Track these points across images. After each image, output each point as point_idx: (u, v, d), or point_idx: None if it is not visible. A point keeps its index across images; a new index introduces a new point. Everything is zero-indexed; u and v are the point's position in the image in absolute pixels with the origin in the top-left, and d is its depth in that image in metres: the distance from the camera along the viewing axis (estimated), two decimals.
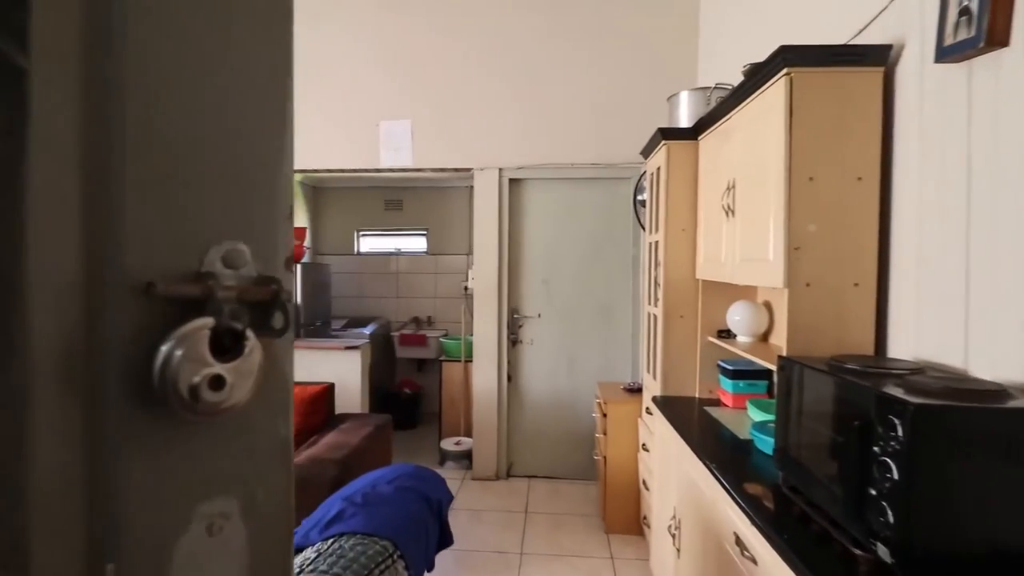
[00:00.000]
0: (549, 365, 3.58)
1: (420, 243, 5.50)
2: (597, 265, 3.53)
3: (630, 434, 2.80)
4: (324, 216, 5.58)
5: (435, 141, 3.50)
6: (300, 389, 2.74)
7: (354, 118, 3.53)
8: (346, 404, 3.67)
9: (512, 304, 3.57)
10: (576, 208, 3.55)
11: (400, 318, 5.41)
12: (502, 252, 3.51)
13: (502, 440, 3.56)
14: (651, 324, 2.59)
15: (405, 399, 5.01)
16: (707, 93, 2.34)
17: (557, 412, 3.57)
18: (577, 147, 3.43)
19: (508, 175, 3.50)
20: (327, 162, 3.55)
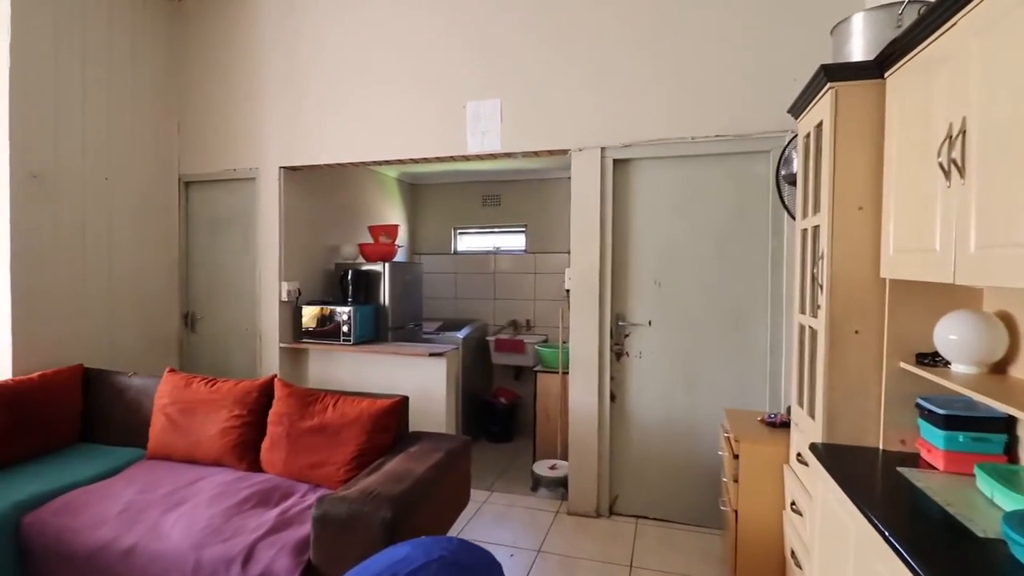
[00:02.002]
0: (662, 384, 2.96)
1: (519, 241, 5.09)
2: (724, 262, 2.85)
3: (772, 484, 2.12)
4: (421, 214, 5.37)
5: (526, 121, 3.03)
6: (368, 403, 2.41)
7: (439, 100, 3.17)
8: (429, 417, 3.33)
9: (616, 309, 3.00)
10: (697, 192, 2.89)
11: (498, 321, 5.04)
12: (604, 247, 2.96)
13: (604, 470, 3.00)
14: (806, 340, 1.90)
15: (500, 410, 4.61)
16: (897, 10, 1.63)
17: (672, 441, 2.94)
18: (698, 117, 2.78)
19: (612, 155, 2.93)
20: (411, 151, 3.23)
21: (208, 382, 2.68)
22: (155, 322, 3.62)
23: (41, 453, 2.69)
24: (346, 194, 4.22)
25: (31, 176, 2.88)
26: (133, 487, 2.29)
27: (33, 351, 2.91)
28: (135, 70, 3.42)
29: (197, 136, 3.71)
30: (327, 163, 3.42)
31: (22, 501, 2.20)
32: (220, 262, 3.77)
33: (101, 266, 3.26)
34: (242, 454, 2.49)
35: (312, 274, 3.81)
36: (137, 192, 3.47)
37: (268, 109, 3.54)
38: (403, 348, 3.44)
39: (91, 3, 3.15)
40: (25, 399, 2.67)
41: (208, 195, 3.78)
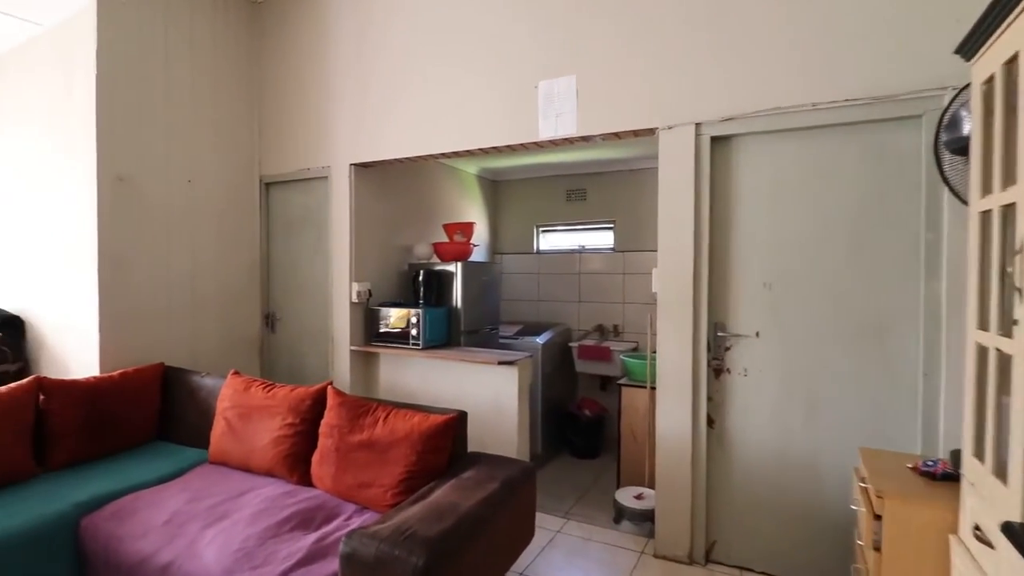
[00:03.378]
0: (773, 409, 2.42)
1: (606, 238, 4.66)
2: (859, 260, 2.26)
3: (931, 561, 1.56)
4: (503, 211, 5.10)
5: (605, 98, 2.63)
6: (420, 419, 2.15)
7: (507, 84, 2.86)
8: (500, 432, 3.04)
9: (715, 317, 2.51)
10: (820, 173, 2.33)
11: (583, 325, 4.64)
12: (699, 243, 2.48)
13: (699, 507, 2.52)
14: (989, 368, 1.34)
15: (584, 423, 4.21)
16: None
17: (786, 481, 2.39)
18: (821, 77, 2.23)
19: (709, 132, 2.45)
20: (478, 140, 2.95)
21: (266, 387, 2.58)
22: (237, 322, 3.66)
23: (119, 450, 2.74)
24: (421, 192, 4.05)
25: (117, 179, 2.97)
26: (184, 495, 2.21)
27: (119, 350, 3.00)
28: (216, 73, 3.47)
29: (275, 136, 3.71)
30: (393, 158, 3.24)
31: (83, 502, 2.20)
32: (296, 263, 3.74)
33: (185, 267, 3.32)
34: (293, 466, 2.34)
35: (385, 275, 3.67)
36: (219, 194, 3.52)
37: (338, 105, 3.44)
38: (472, 355, 3.17)
39: (173, 10, 3.21)
40: (105, 397, 2.73)
41: (285, 195, 3.77)
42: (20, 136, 3.29)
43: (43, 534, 2.04)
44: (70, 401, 2.61)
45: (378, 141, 3.28)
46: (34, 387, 2.56)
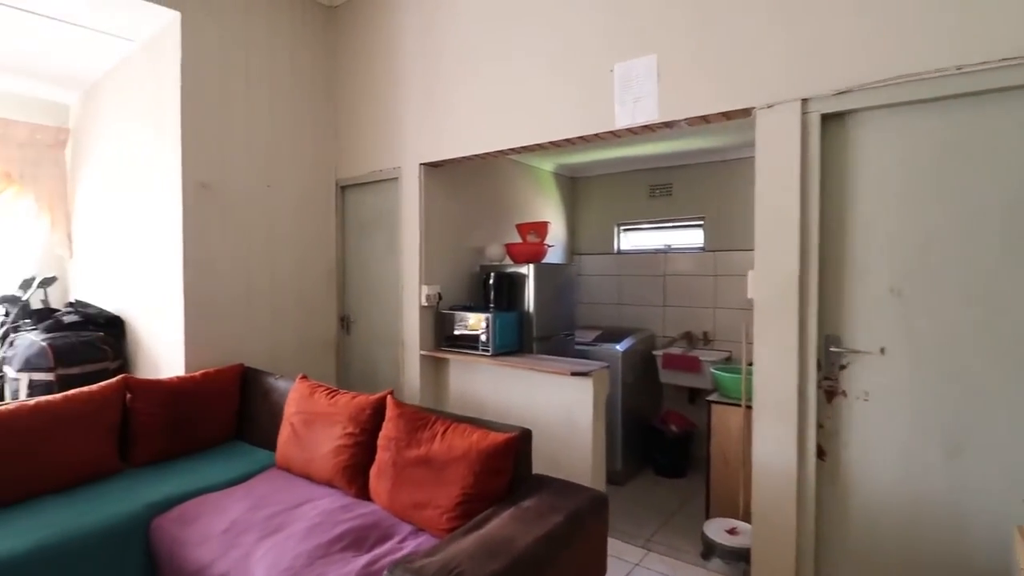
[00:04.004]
0: (904, 444, 1.99)
1: (695, 237, 4.26)
2: (1019, 258, 1.79)
3: None
4: (581, 210, 4.84)
5: (691, 76, 2.31)
6: (479, 436, 1.97)
7: (580, 69, 2.62)
8: (572, 449, 2.80)
9: (827, 328, 2.11)
10: (965, 151, 1.87)
11: (668, 332, 4.28)
12: (807, 241, 2.10)
13: (805, 552, 2.14)
14: None
15: (670, 439, 3.86)
16: None
17: (919, 533, 1.95)
18: (966, 33, 1.78)
19: (819, 108, 2.06)
20: (549, 133, 2.73)
21: (329, 394, 2.52)
22: (314, 324, 3.70)
23: (199, 449, 2.82)
24: (494, 191, 3.89)
25: (200, 186, 3.07)
26: (247, 501, 2.19)
27: (203, 350, 3.09)
28: (294, 79, 3.52)
29: (350, 139, 3.71)
30: (461, 156, 3.09)
31: (155, 503, 2.24)
32: (369, 265, 3.72)
33: (264, 269, 3.39)
34: (352, 478, 2.25)
35: (455, 277, 3.54)
36: (297, 198, 3.57)
37: (407, 104, 3.36)
38: (542, 363, 2.95)
39: (252, 22, 3.28)
40: (187, 397, 2.81)
41: (359, 198, 3.76)
42: (121, 148, 3.51)
43: (116, 533, 2.09)
44: (154, 400, 2.71)
45: (446, 139, 3.16)
46: (122, 386, 2.68)
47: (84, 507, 2.16)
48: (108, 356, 3.30)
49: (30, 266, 3.89)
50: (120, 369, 3.38)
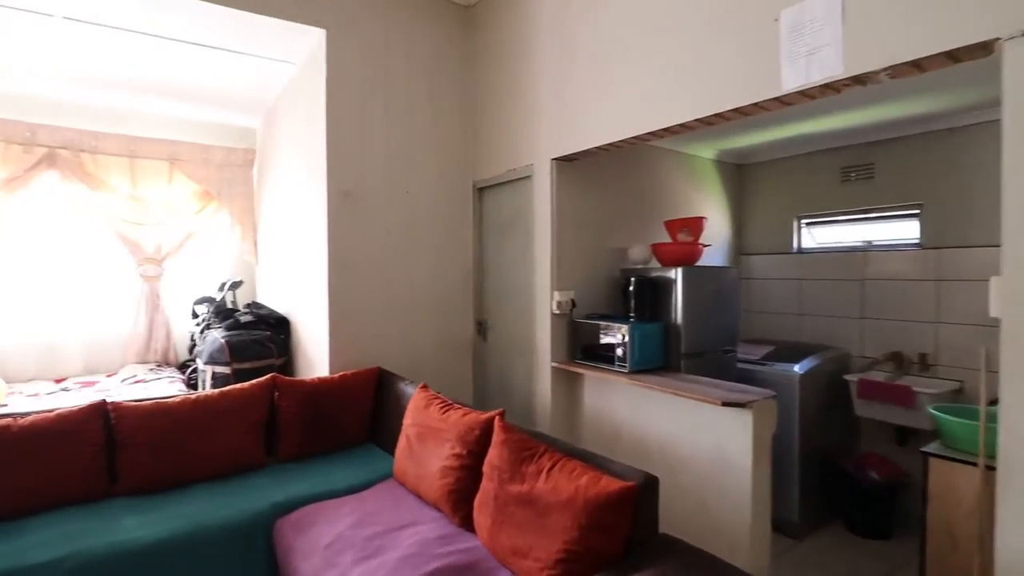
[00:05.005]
0: None
1: (909, 229, 3.33)
2: None
3: None
4: (751, 202, 4.14)
5: (895, 7, 1.67)
6: (589, 479, 1.62)
7: (734, 26, 2.09)
8: (725, 494, 2.29)
9: None
10: None
11: (868, 351, 3.42)
12: None
13: None
14: None
15: (869, 488, 3.06)
16: None
17: None
18: None
19: None
20: (698, 108, 2.24)
21: (443, 407, 2.37)
22: (450, 329, 3.65)
23: (334, 449, 2.89)
24: (639, 185, 3.45)
25: (343, 194, 3.18)
26: (356, 515, 2.12)
27: (344, 352, 3.21)
28: (432, 82, 3.50)
29: (487, 139, 3.58)
30: (597, 146, 2.73)
31: (280, 503, 2.30)
32: (505, 268, 3.55)
33: (403, 273, 3.42)
34: (456, 504, 2.05)
35: (593, 282, 3.19)
36: (435, 201, 3.55)
37: (539, 94, 3.10)
38: (688, 386, 2.46)
39: (391, 26, 3.32)
40: (325, 397, 2.91)
41: (496, 199, 3.62)
42: (289, 163, 3.83)
43: (243, 530, 2.17)
44: (296, 399, 2.84)
45: (580, 129, 2.83)
46: (270, 384, 2.86)
47: (223, 500, 2.30)
48: (273, 354, 3.61)
49: (226, 271, 4.50)
50: (284, 366, 3.69)
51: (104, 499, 2.29)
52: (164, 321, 4.30)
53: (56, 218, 3.94)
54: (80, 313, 4.09)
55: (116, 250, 4.15)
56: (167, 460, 2.45)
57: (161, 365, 4.25)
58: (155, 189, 4.15)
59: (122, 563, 1.94)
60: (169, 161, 4.16)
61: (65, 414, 2.37)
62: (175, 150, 4.17)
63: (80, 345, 4.08)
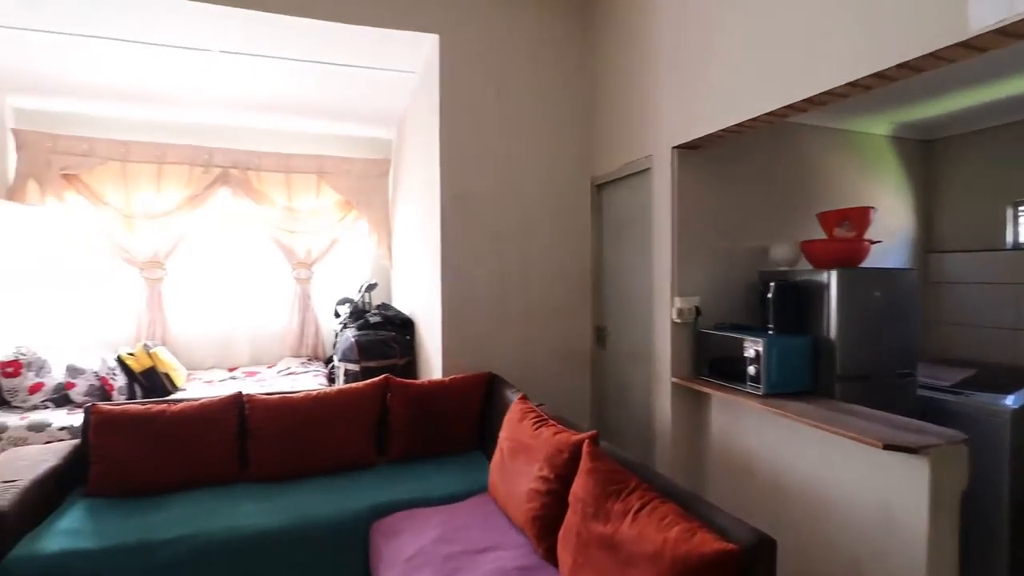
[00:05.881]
0: None
1: None
2: None
3: None
4: (941, 187, 3.32)
5: None
6: (682, 531, 1.33)
7: None
8: (887, 563, 1.80)
9: None
10: None
11: None
12: None
13: None
14: None
15: None
16: None
17: None
18: None
19: None
20: (860, 66, 1.77)
21: (536, 422, 2.19)
22: (567, 335, 3.46)
23: (440, 454, 2.87)
24: (785, 173, 2.92)
25: (456, 197, 3.17)
26: (442, 528, 2.05)
27: (457, 356, 3.19)
28: (546, 78, 3.34)
29: (606, 132, 3.32)
30: (720, 129, 2.34)
31: (378, 505, 2.31)
32: (623, 271, 3.26)
33: (516, 276, 3.31)
34: (541, 533, 1.87)
35: (723, 287, 2.77)
36: (551, 201, 3.39)
37: (659, 72, 2.77)
38: (837, 418, 1.97)
39: (503, 25, 3.23)
40: (434, 401, 2.90)
41: (614, 195, 3.34)
42: (414, 170, 3.96)
43: (343, 529, 2.22)
44: (406, 401, 2.88)
45: (705, 108, 2.45)
46: (383, 385, 2.94)
47: (331, 496, 2.38)
48: (397, 354, 3.75)
49: (365, 274, 4.82)
50: (407, 366, 3.81)
51: (234, 483, 2.51)
52: (313, 319, 4.74)
53: (227, 228, 4.55)
54: (248, 310, 4.67)
55: (275, 255, 4.67)
56: (288, 452, 2.62)
57: (311, 359, 4.68)
58: (305, 200, 4.59)
59: (236, 547, 2.08)
60: (317, 174, 4.57)
61: (208, 403, 2.65)
62: (321, 164, 4.57)
63: (248, 338, 4.66)
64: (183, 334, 4.46)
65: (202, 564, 2.03)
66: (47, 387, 3.38)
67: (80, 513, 2.19)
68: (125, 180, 4.13)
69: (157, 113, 4.22)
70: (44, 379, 3.38)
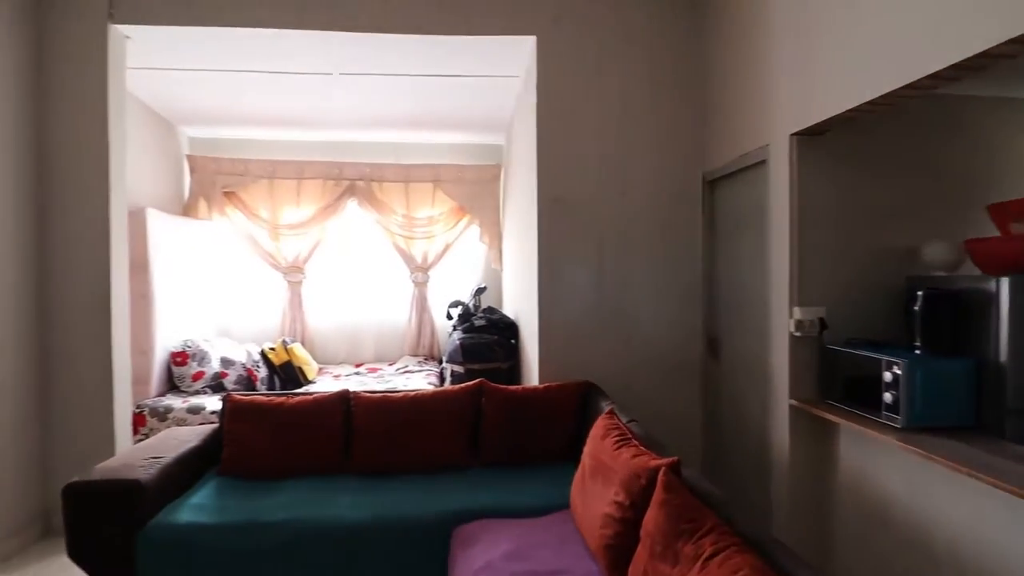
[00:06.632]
0: None
1: None
2: None
3: None
4: None
5: None
6: None
7: None
8: None
9: None
10: None
11: None
12: None
13: None
14: None
15: None
16: None
17: None
18: None
19: None
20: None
21: (618, 441, 2.03)
22: (673, 344, 3.21)
23: (530, 462, 2.80)
24: (942, 157, 2.39)
25: (553, 201, 3.09)
26: (516, 543, 1.98)
27: (554, 363, 3.12)
28: (651, 72, 3.13)
29: (719, 121, 3.02)
30: (858, 106, 1.96)
31: (461, 511, 2.31)
32: (738, 276, 2.93)
33: (617, 281, 3.15)
34: (614, 564, 1.72)
35: (856, 296, 2.35)
36: (657, 200, 3.17)
37: (773, 49, 2.43)
38: (1004, 466, 1.55)
39: (604, 21, 3.09)
40: (527, 408, 2.85)
41: (728, 192, 3.02)
42: (519, 173, 3.95)
43: (428, 530, 2.25)
44: (499, 406, 2.86)
45: (829, 85, 2.10)
46: (477, 389, 2.95)
47: (420, 496, 2.44)
48: (499, 357, 3.77)
49: (476, 278, 4.93)
50: (510, 370, 3.81)
51: (338, 475, 2.69)
52: (429, 320, 4.97)
53: (355, 235, 4.95)
54: (373, 311, 5.04)
55: (395, 260, 4.97)
56: (387, 448, 2.74)
57: (427, 359, 4.91)
58: (422, 208, 4.82)
59: (329, 536, 2.21)
60: (433, 182, 4.78)
61: (320, 398, 2.87)
62: (437, 172, 4.77)
63: (373, 337, 5.02)
64: (318, 331, 4.94)
65: (298, 548, 2.19)
66: (206, 375, 3.94)
67: (210, 490, 2.48)
68: (272, 195, 4.69)
69: (296, 134, 4.73)
70: (204, 368, 3.95)
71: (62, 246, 2.90)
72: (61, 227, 2.90)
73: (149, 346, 3.76)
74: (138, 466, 2.32)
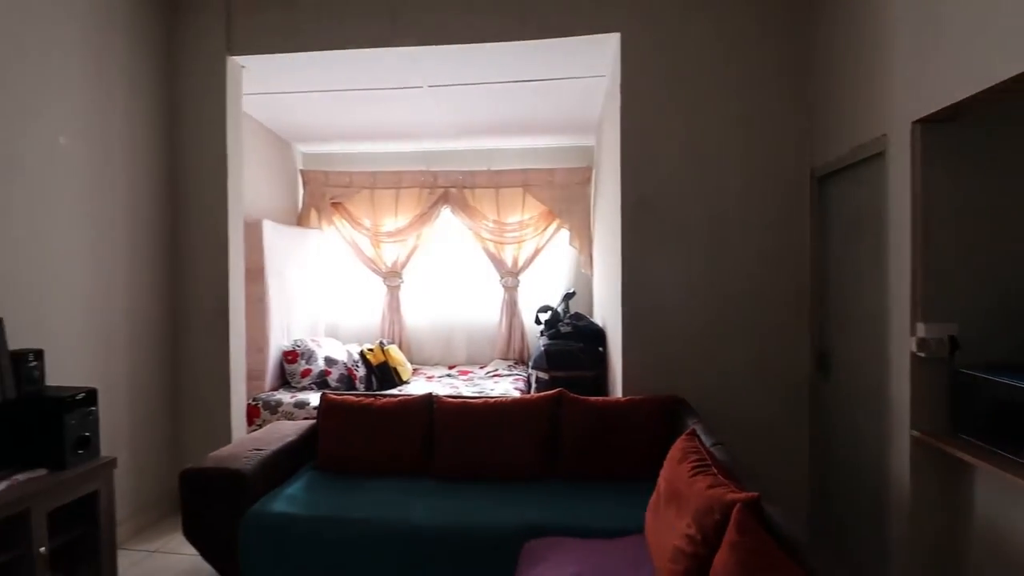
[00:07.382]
0: None
1: None
2: None
3: None
4: None
5: None
6: None
7: None
8: None
9: None
10: None
11: None
12: None
13: None
14: None
15: None
16: None
17: None
18: None
19: None
20: None
21: (695, 467, 1.87)
22: (776, 360, 2.92)
23: (611, 478, 2.70)
24: None
25: (637, 201, 2.95)
26: (584, 566, 1.90)
27: (639, 374, 2.98)
28: (747, 61, 2.87)
29: (830, 110, 2.69)
30: (995, 84, 1.63)
31: (532, 525, 2.26)
32: (852, 284, 2.59)
33: (709, 289, 2.94)
34: None
35: (998, 312, 1.96)
36: (754, 200, 2.91)
37: (890, 22, 2.10)
38: None
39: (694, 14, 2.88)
40: (607, 420, 2.74)
41: (842, 189, 2.67)
42: (608, 174, 3.82)
43: (498, 541, 2.24)
44: (577, 418, 2.78)
45: (960, 61, 1.77)
46: (556, 399, 2.89)
47: (494, 506, 2.43)
48: (585, 365, 3.67)
49: (566, 283, 4.85)
50: (596, 379, 3.70)
51: (418, 477, 2.76)
52: (519, 325, 4.97)
53: (448, 240, 5.09)
54: (466, 315, 5.15)
55: (487, 265, 5.04)
56: (465, 453, 2.77)
57: (517, 363, 4.92)
58: (512, 212, 4.84)
59: (403, 538, 2.27)
60: (522, 187, 4.79)
61: (405, 400, 2.97)
62: (526, 177, 4.77)
63: (465, 340, 5.14)
64: (415, 333, 5.15)
65: (374, 545, 2.27)
66: (313, 373, 4.26)
67: (304, 483, 2.67)
68: (373, 205, 4.97)
69: (393, 146, 4.97)
70: (311, 366, 4.27)
71: (189, 257, 3.28)
72: (187, 240, 3.28)
73: (264, 344, 4.15)
74: (243, 457, 2.55)
